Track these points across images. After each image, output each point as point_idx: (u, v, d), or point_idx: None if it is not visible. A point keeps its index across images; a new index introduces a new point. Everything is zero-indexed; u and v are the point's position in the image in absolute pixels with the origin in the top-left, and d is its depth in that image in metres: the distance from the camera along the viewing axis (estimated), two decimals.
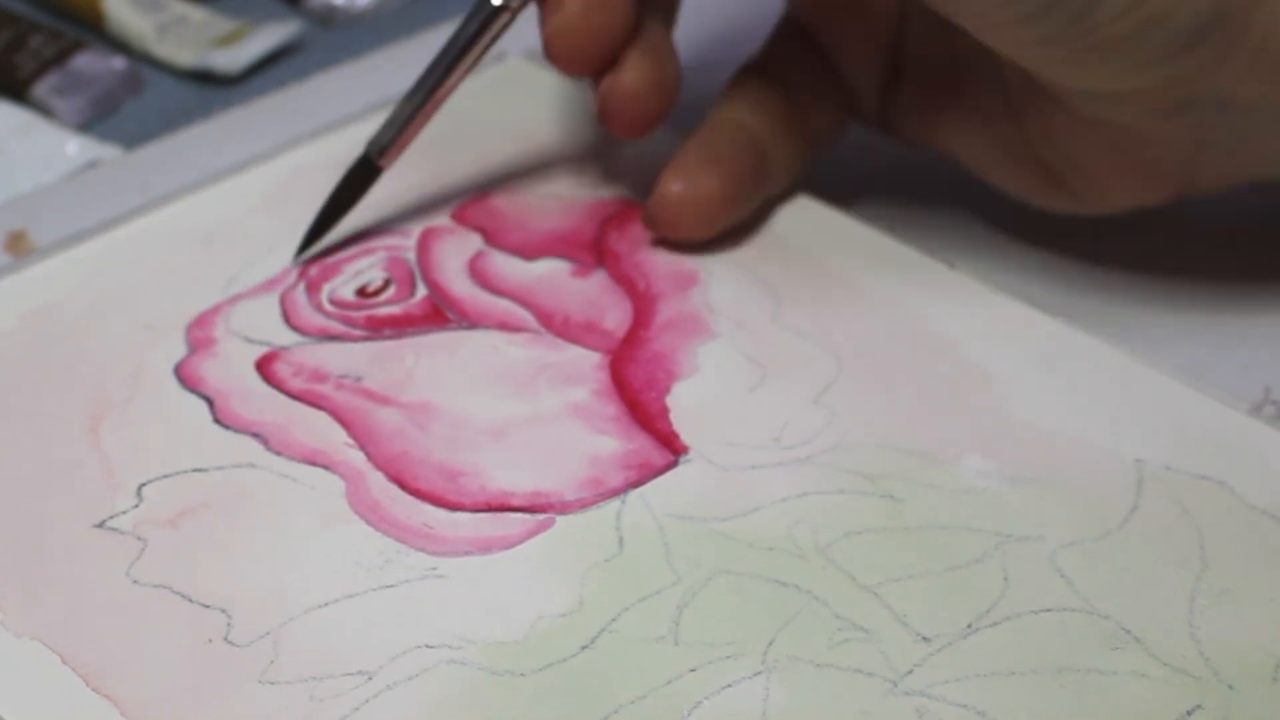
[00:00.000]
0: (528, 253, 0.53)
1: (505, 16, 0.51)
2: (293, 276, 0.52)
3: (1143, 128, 0.50)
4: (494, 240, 0.53)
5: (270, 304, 0.51)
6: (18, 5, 0.65)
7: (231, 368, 0.50)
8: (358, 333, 0.50)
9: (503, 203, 0.54)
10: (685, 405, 0.49)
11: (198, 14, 0.65)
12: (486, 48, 0.52)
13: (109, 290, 0.52)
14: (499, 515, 0.46)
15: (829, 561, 0.45)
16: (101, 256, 0.53)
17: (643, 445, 0.47)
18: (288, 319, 0.51)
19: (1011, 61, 0.50)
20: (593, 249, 0.53)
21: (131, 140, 0.60)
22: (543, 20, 0.52)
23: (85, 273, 0.52)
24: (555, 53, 0.51)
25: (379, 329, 0.50)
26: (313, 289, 0.52)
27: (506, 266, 0.52)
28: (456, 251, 0.53)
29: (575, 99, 0.58)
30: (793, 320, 0.51)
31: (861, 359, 0.50)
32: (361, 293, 0.52)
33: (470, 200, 0.55)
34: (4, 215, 0.56)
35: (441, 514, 0.46)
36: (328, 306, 0.51)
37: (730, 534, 0.45)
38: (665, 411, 0.48)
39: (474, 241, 0.53)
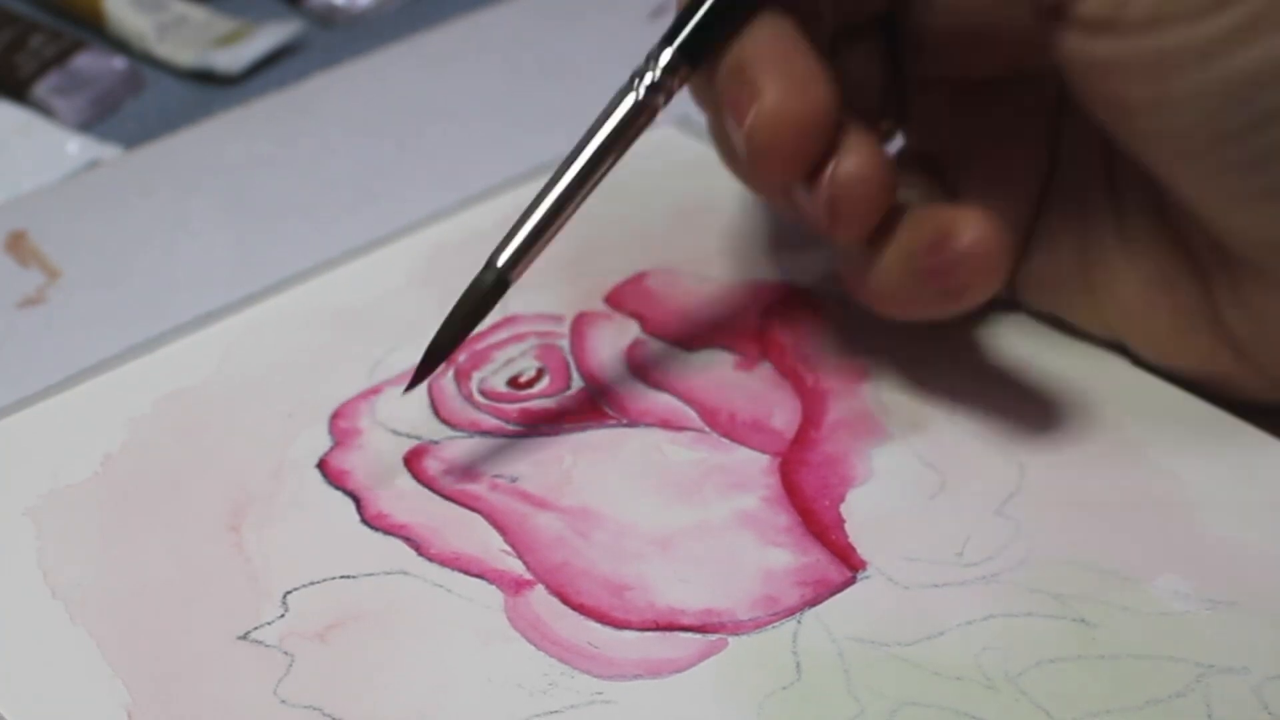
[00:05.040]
0: (687, 342, 0.50)
1: (643, 118, 0.46)
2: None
3: None
4: (651, 327, 0.51)
5: (418, 393, 0.48)
6: (18, 5, 0.66)
7: (379, 462, 0.47)
8: (511, 427, 0.48)
9: (658, 285, 0.52)
10: (861, 515, 0.46)
11: (198, 14, 0.65)
12: (623, 152, 0.46)
13: (246, 375, 0.49)
14: (668, 635, 0.43)
15: (1021, 693, 0.42)
16: (236, 337, 0.50)
17: (818, 559, 0.45)
18: (436, 410, 0.48)
19: (1213, 225, 0.45)
20: (756, 339, 0.50)
21: (131, 140, 0.60)
22: (732, 119, 0.45)
23: (220, 355, 0.50)
24: (760, 150, 0.44)
25: (534, 424, 0.48)
26: (462, 378, 0.49)
27: (666, 357, 0.50)
28: (612, 339, 0.50)
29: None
30: (969, 421, 0.48)
31: (1045, 465, 0.47)
32: (513, 383, 0.49)
33: (624, 282, 0.52)
34: (4, 215, 0.56)
35: (607, 632, 0.43)
36: (478, 398, 0.49)
37: (914, 660, 0.43)
38: (840, 522, 0.45)
39: (630, 328, 0.51)
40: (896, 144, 0.52)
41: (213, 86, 0.63)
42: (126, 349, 0.50)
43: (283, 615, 0.43)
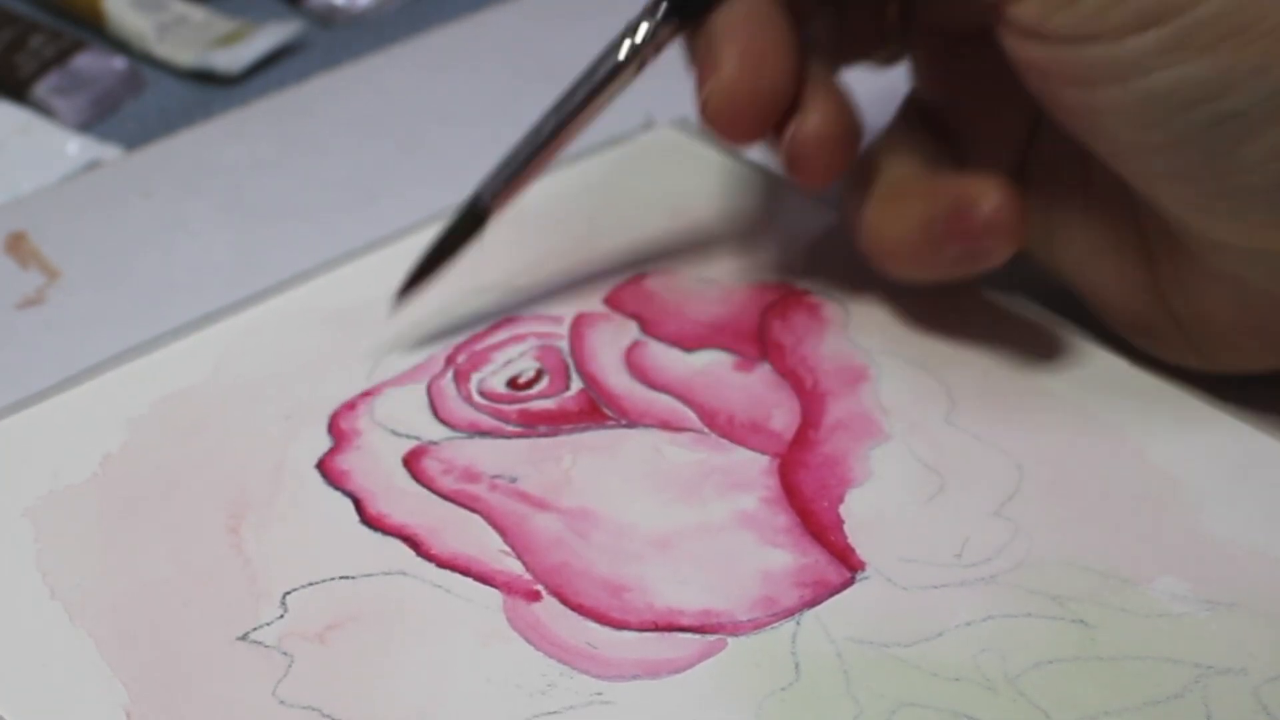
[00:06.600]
0: (687, 343, 0.50)
1: (632, 68, 0.49)
2: (439, 364, 0.49)
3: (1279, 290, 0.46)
4: (650, 328, 0.51)
5: (417, 394, 0.48)
6: (18, 5, 0.66)
7: (378, 463, 0.47)
8: (511, 428, 0.48)
9: (658, 286, 0.52)
10: (860, 516, 0.46)
11: (198, 14, 0.65)
12: (612, 97, 0.49)
13: (245, 376, 0.49)
14: (666, 635, 0.43)
15: (1020, 694, 0.42)
16: (236, 338, 0.50)
17: (817, 560, 0.45)
18: (435, 411, 0.48)
19: (1143, 195, 0.46)
20: (755, 340, 0.50)
21: (131, 140, 0.60)
22: (697, 86, 0.48)
23: (219, 356, 0.50)
24: (714, 119, 0.48)
25: (533, 425, 0.48)
26: (461, 378, 0.49)
27: (665, 358, 0.50)
28: (612, 340, 0.50)
29: (730, 172, 0.55)
30: (968, 422, 0.48)
31: (1043, 466, 0.47)
32: (513, 384, 0.49)
33: (624, 283, 0.52)
34: (4, 216, 0.56)
35: (606, 633, 0.43)
36: (477, 398, 0.49)
37: (913, 661, 0.43)
38: (840, 523, 0.45)
39: (629, 329, 0.51)
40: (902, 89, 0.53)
41: (213, 87, 0.63)
42: (126, 350, 0.50)
43: (282, 616, 0.43)
